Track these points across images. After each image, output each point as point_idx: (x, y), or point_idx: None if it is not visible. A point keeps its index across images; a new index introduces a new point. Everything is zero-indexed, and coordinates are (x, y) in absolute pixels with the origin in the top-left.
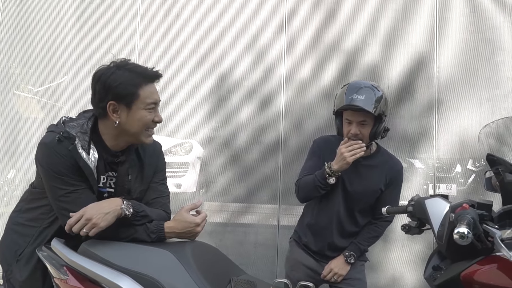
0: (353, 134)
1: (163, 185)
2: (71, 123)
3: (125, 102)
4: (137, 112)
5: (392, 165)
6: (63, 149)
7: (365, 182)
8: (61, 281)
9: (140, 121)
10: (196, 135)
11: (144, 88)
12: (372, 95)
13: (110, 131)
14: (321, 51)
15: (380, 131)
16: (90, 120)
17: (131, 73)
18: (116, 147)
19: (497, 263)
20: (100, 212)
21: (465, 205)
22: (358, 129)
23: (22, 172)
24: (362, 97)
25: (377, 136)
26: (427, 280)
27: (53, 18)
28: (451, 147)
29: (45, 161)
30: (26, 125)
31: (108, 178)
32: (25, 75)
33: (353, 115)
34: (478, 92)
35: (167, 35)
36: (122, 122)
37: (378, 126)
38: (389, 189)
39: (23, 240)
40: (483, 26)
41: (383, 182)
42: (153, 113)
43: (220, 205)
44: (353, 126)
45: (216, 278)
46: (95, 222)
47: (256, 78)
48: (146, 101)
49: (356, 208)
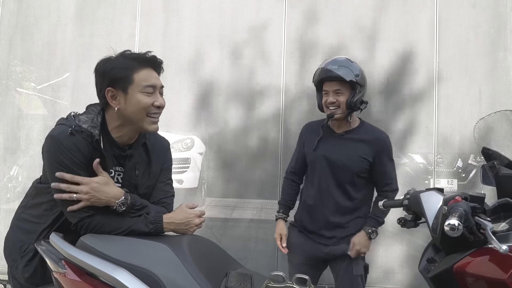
0: (330, 102)
1: (169, 185)
2: (81, 117)
3: (121, 87)
4: (134, 96)
5: (377, 135)
6: (70, 143)
7: (349, 151)
8: (59, 275)
9: (138, 105)
10: (196, 131)
11: (139, 72)
12: (347, 66)
13: (114, 121)
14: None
15: (356, 101)
16: (100, 114)
17: (125, 58)
18: (123, 140)
19: (489, 255)
20: (95, 195)
21: (458, 198)
22: (334, 97)
23: (25, 169)
24: (336, 66)
25: (353, 105)
26: (422, 273)
27: (53, 15)
28: (451, 142)
29: (51, 154)
30: (27, 122)
31: (116, 172)
32: (27, 73)
33: (329, 85)
34: (478, 86)
35: (166, 31)
36: (121, 108)
37: (353, 96)
38: (379, 159)
39: (28, 236)
40: (484, 20)
41: (369, 153)
42: (152, 97)
43: (221, 201)
44: (330, 95)
45: (213, 271)
46: (85, 198)
47: (256, 72)
48: (141, 84)
49: (345, 180)
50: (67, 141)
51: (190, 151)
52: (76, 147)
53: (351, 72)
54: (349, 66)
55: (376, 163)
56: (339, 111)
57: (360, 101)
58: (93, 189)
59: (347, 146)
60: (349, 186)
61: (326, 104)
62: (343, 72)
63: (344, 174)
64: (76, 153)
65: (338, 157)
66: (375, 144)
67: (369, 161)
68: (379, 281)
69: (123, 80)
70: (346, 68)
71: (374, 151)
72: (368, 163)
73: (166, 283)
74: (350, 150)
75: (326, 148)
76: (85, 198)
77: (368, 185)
